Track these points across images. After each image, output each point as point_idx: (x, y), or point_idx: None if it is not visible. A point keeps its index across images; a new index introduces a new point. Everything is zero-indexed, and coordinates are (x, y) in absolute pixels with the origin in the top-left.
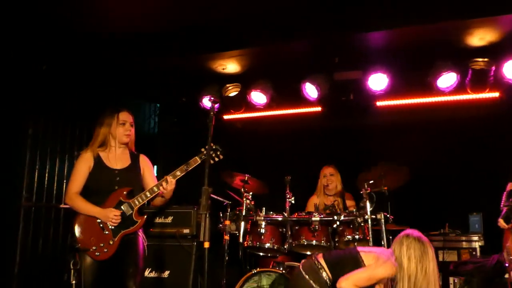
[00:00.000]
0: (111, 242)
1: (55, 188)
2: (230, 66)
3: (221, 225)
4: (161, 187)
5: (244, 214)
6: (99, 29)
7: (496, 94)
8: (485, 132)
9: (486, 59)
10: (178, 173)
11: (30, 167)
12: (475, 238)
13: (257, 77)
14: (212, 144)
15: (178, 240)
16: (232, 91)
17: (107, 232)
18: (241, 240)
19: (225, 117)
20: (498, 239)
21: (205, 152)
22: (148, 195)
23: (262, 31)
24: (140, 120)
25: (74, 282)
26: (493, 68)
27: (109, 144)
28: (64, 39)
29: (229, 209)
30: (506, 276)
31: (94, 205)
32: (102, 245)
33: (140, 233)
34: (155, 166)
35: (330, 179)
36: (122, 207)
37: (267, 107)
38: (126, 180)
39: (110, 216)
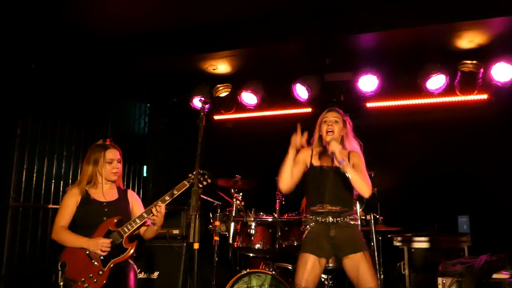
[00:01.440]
0: (100, 273)
1: (43, 188)
2: (221, 66)
3: (211, 226)
4: (153, 211)
5: (234, 215)
6: (89, 28)
7: (484, 96)
8: (473, 134)
9: (474, 62)
10: (167, 197)
11: (18, 167)
12: (464, 239)
13: (248, 77)
14: (200, 170)
15: (167, 241)
16: (223, 92)
17: (96, 263)
18: (231, 241)
19: (216, 117)
20: (485, 240)
21: (192, 177)
22: (138, 222)
23: (253, 32)
24: (130, 120)
25: (61, 283)
26: (482, 70)
27: (96, 181)
28: (54, 37)
29: (219, 210)
30: (494, 276)
31: (81, 236)
32: (91, 275)
33: (132, 262)
34: (145, 167)
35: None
36: (111, 236)
37: (257, 107)
38: (114, 211)
39: (99, 244)
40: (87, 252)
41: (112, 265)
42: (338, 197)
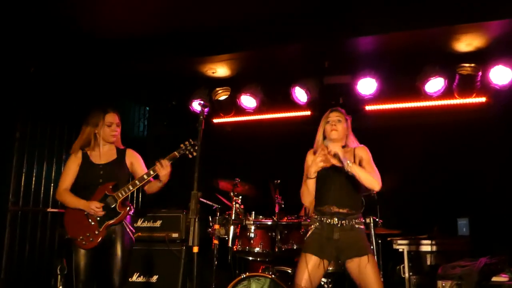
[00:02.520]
0: (96, 232)
1: (42, 192)
2: (220, 70)
3: (210, 229)
4: (157, 168)
5: (233, 218)
6: (89, 31)
7: (483, 99)
8: (472, 136)
9: (473, 65)
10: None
11: (17, 171)
12: (463, 241)
13: (247, 81)
14: (191, 140)
15: (167, 244)
16: (222, 95)
17: (93, 223)
18: (230, 244)
19: (215, 120)
20: (485, 243)
21: (183, 147)
22: (131, 188)
23: (252, 35)
24: (129, 123)
25: (60, 287)
26: (480, 73)
27: (95, 143)
28: (53, 40)
29: (218, 213)
30: (493, 279)
31: (79, 199)
32: (88, 234)
33: (128, 226)
34: None
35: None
36: (107, 200)
37: (257, 111)
38: (109, 174)
39: (93, 207)
40: (85, 213)
41: (106, 226)
42: (346, 199)
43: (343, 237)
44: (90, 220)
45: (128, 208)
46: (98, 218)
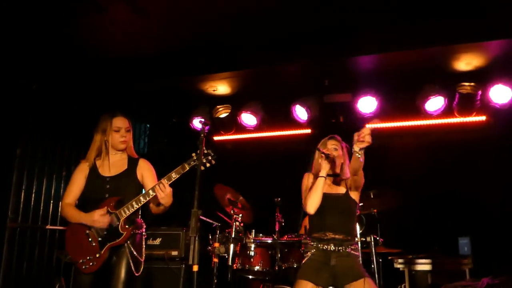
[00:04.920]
0: (97, 255)
1: (41, 209)
2: (221, 87)
3: (210, 247)
4: (156, 190)
5: (233, 236)
6: (91, 51)
7: (482, 118)
8: (473, 155)
9: (472, 84)
10: (173, 175)
11: (17, 187)
12: (465, 261)
13: (248, 99)
14: (204, 149)
15: (166, 262)
16: (223, 113)
17: (94, 244)
18: (230, 262)
19: (215, 138)
20: (487, 262)
21: (195, 157)
22: (135, 205)
23: (253, 53)
24: None
25: None
26: (480, 92)
27: (105, 152)
28: (55, 59)
29: (218, 231)
30: None
31: (81, 212)
32: (89, 257)
33: (133, 250)
34: None
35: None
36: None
37: (257, 128)
38: (116, 188)
39: (96, 217)
40: (87, 231)
41: (108, 249)
42: (341, 226)
43: (340, 263)
44: (91, 240)
45: (132, 228)
46: (100, 239)
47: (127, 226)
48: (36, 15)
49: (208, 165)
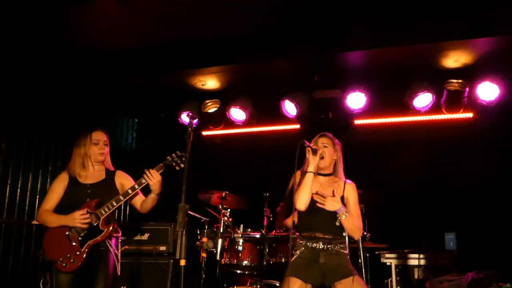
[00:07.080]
0: (78, 253)
1: (27, 204)
2: (210, 82)
3: (198, 242)
4: (145, 178)
5: (221, 231)
6: (78, 44)
7: (470, 115)
8: (459, 151)
9: (460, 81)
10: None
11: (2, 182)
12: (451, 256)
13: (237, 93)
14: (178, 152)
15: (154, 257)
16: (212, 107)
17: (74, 244)
18: (218, 257)
19: (204, 133)
20: (472, 258)
21: (170, 159)
22: (115, 204)
23: (242, 48)
24: (117, 135)
25: None
26: (467, 89)
27: (85, 163)
28: (41, 53)
29: (206, 226)
30: None
31: (60, 215)
32: (69, 256)
33: (113, 250)
34: None
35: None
36: (89, 217)
37: (246, 123)
38: (97, 193)
39: (76, 217)
40: (67, 233)
41: (89, 247)
42: (329, 227)
43: (329, 261)
44: (71, 241)
45: (111, 225)
46: (80, 238)
47: (106, 224)
48: (20, 6)
49: (182, 165)
